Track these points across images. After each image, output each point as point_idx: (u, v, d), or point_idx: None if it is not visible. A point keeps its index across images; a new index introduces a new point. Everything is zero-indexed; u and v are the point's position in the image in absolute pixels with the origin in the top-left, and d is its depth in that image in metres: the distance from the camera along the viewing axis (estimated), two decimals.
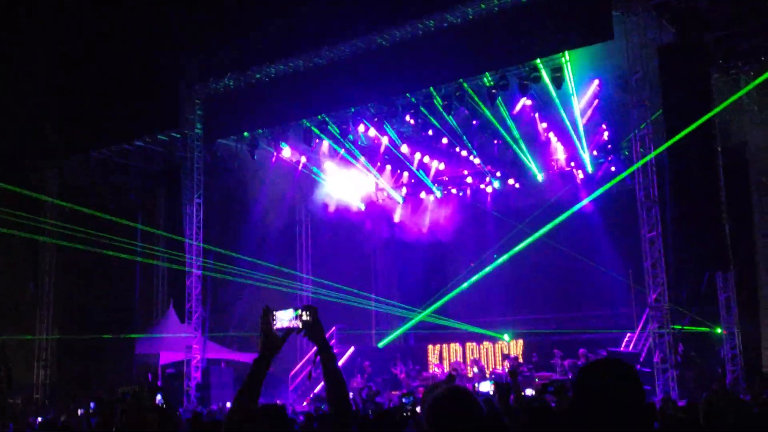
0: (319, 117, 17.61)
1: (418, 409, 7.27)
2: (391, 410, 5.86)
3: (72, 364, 18.87)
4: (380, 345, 21.56)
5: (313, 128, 17.91)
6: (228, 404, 15.13)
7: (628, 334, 16.70)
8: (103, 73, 17.90)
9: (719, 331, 14.62)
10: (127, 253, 18.00)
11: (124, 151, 19.22)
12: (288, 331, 2.95)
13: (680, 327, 14.13)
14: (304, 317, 2.92)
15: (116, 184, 19.87)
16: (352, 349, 20.70)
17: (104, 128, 18.58)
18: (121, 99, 17.84)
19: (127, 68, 17.64)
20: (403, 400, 6.23)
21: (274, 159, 19.35)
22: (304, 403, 18.52)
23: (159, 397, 7.78)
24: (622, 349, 16.16)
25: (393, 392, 16.66)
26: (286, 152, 19.32)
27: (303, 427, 7.74)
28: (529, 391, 10.72)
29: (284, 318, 2.94)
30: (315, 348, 2.97)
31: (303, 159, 20.07)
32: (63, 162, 19.57)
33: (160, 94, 17.94)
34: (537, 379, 15.29)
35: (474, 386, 10.73)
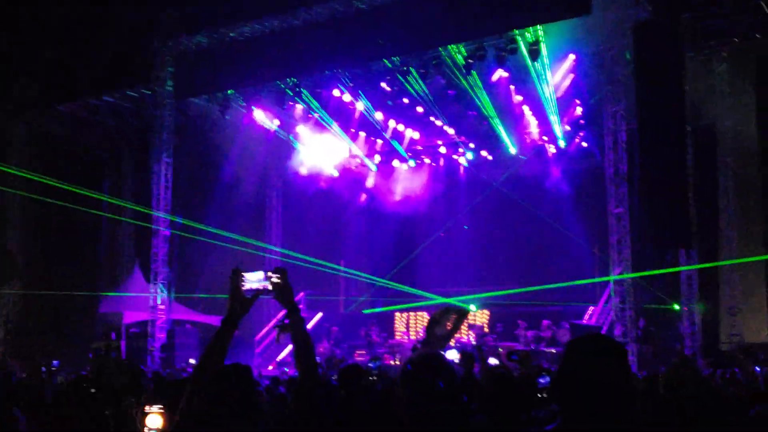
0: (291, 81, 17.36)
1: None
2: (357, 364, 5.90)
3: (34, 320, 18.62)
4: (348, 311, 21.67)
5: (287, 90, 17.67)
6: (191, 360, 15.11)
7: (591, 308, 17.01)
8: (73, 25, 17.36)
9: (677, 307, 14.98)
10: (93, 209, 17.71)
11: (92, 107, 18.76)
12: (257, 292, 2.92)
13: (649, 306, 14.45)
14: (274, 279, 2.89)
15: (84, 140, 19.45)
16: (320, 314, 20.76)
17: (72, 82, 18.09)
18: (90, 53, 17.36)
19: (98, 21, 17.12)
20: (370, 365, 6.29)
21: (246, 121, 19.09)
22: (270, 367, 18.59)
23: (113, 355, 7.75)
24: (584, 321, 16.47)
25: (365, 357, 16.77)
26: (259, 114, 19.06)
27: (269, 390, 7.77)
28: (493, 360, 10.89)
29: (253, 279, 2.90)
30: (283, 312, 2.95)
31: (276, 122, 19.82)
32: (29, 115, 19.06)
33: (131, 49, 17.47)
34: (501, 349, 15.53)
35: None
